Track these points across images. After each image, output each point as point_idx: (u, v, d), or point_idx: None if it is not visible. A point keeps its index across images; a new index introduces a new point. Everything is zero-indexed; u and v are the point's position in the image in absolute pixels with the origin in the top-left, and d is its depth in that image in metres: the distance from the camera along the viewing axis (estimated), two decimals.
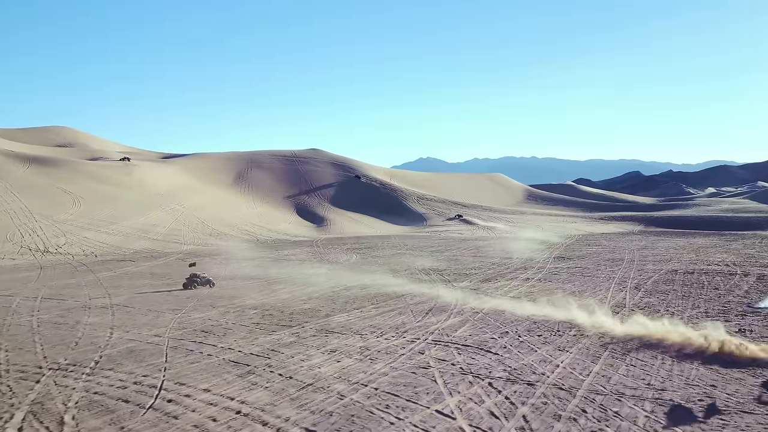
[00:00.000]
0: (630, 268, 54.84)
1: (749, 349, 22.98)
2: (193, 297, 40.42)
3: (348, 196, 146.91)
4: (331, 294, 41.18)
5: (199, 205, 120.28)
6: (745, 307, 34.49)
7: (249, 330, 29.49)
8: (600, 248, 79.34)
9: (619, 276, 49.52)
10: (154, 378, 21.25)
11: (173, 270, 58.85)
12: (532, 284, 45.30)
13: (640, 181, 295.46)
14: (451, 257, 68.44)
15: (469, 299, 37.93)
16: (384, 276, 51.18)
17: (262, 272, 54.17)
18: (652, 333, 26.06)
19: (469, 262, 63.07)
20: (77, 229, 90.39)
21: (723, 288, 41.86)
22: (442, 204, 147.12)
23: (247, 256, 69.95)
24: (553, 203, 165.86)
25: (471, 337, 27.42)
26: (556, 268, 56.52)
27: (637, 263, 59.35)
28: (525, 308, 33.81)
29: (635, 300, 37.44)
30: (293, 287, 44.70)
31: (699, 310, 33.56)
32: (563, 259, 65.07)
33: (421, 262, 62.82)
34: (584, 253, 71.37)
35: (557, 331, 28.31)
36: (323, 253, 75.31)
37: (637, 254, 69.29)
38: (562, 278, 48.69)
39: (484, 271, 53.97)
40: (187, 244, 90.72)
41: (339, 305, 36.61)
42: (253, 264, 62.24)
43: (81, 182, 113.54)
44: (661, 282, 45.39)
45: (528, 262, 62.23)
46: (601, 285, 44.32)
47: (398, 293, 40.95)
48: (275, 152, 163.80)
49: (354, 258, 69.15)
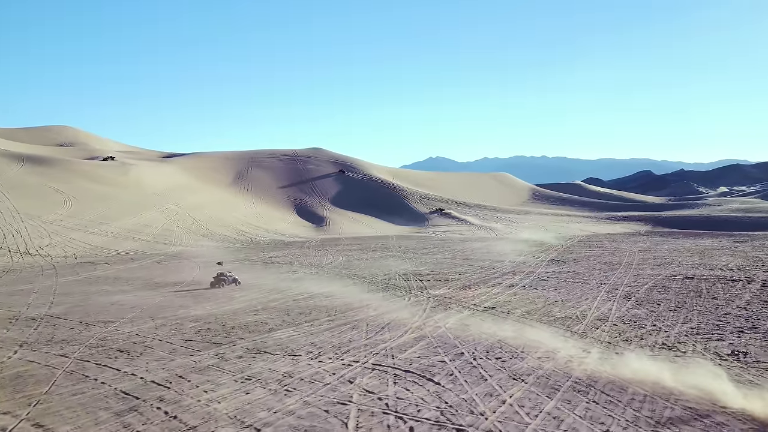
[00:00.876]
0: (626, 273, 50.53)
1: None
2: (138, 306, 36.68)
3: (349, 195, 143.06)
4: (289, 304, 37.26)
5: (196, 204, 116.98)
6: (743, 321, 30.18)
7: (172, 349, 25.66)
8: (600, 250, 74.95)
9: (612, 282, 45.26)
10: (13, 417, 17.44)
11: (144, 273, 55.25)
12: (515, 292, 41.13)
13: (651, 181, 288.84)
14: (440, 260, 64.35)
15: (436, 311, 33.90)
16: (358, 282, 47.26)
17: None
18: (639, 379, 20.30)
19: (458, 265, 58.94)
20: (65, 230, 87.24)
21: (722, 297, 37.51)
22: (445, 204, 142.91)
23: (227, 259, 66.25)
24: (559, 203, 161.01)
25: (419, 359, 23.42)
26: (546, 272, 52.28)
27: (635, 267, 54.99)
28: (493, 325, 29.73)
29: (621, 312, 33.21)
30: (254, 295, 40.85)
31: (690, 326, 29.30)
32: (558, 262, 60.81)
33: (406, 266, 58.82)
34: (582, 256, 67.01)
35: (520, 353, 24.23)
36: (310, 255, 71.46)
37: (638, 257, 64.88)
38: (548, 285, 44.48)
39: (468, 276, 49.85)
40: (176, 245, 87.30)
41: (291, 317, 32.71)
42: (226, 268, 58.53)
43: (75, 182, 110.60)
44: (656, 290, 41.09)
45: (519, 265, 58.02)
46: (588, 293, 40.09)
47: (362, 303, 36.98)
48: (276, 151, 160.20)
49: (339, 260, 65.25)
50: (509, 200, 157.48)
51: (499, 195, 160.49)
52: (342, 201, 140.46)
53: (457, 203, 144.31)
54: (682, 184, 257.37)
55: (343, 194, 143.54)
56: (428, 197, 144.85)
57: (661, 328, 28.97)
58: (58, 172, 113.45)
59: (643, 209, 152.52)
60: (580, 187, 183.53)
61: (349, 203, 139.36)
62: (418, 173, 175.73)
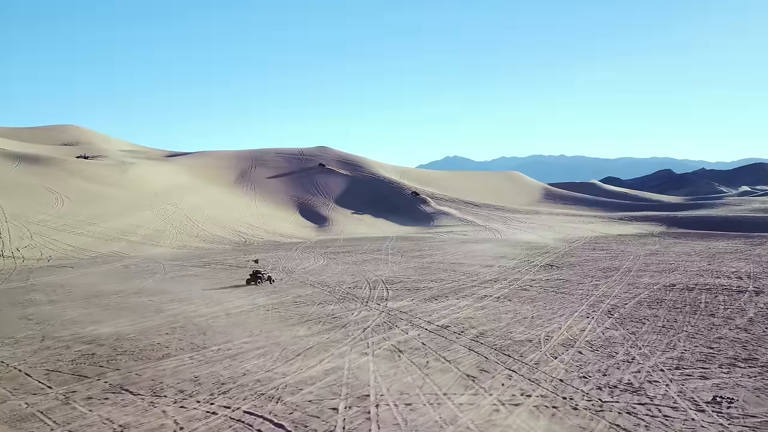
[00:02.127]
0: (619, 282, 44.57)
1: None
2: (46, 321, 31.80)
3: (355, 195, 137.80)
4: (218, 320, 32.09)
5: (195, 205, 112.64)
6: (738, 348, 24.30)
7: (20, 384, 20.62)
8: (603, 253, 68.84)
9: (600, 293, 39.42)
10: None
11: (97, 280, 50.52)
12: (484, 305, 35.49)
13: (671, 180, 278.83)
14: (425, 264, 58.82)
15: (378, 332, 28.49)
16: (318, 292, 41.95)
17: (179, 288, 45.31)
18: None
19: (440, 270, 53.37)
20: (49, 230, 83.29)
21: (721, 314, 31.55)
22: (453, 203, 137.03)
23: (195, 263, 61.48)
24: (572, 202, 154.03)
25: (307, 406, 18.06)
26: (532, 280, 46.48)
27: (633, 274, 48.98)
28: (423, 358, 24.28)
29: (595, 334, 27.49)
30: (185, 308, 35.77)
31: (672, 355, 23.54)
32: (550, 268, 54.91)
33: (384, 271, 53.41)
34: (579, 260, 61.00)
35: (429, 401, 18.74)
36: (291, 259, 66.36)
37: (641, 262, 58.76)
38: (527, 296, 38.75)
39: (444, 285, 44.26)
40: (163, 247, 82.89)
41: (205, 338, 27.54)
42: (190, 274, 53.74)
43: (70, 181, 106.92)
44: (647, 303, 35.19)
45: (508, 271, 52.28)
46: (568, 307, 34.33)
47: (301, 319, 31.71)
48: (281, 150, 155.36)
49: (318, 264, 60.03)
50: (520, 200, 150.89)
51: (509, 194, 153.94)
52: (347, 201, 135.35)
53: (465, 203, 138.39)
54: (703, 184, 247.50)
55: (349, 194, 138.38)
56: (435, 197, 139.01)
57: (635, 357, 23.24)
58: (53, 171, 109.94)
59: (658, 209, 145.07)
60: (594, 186, 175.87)
61: (354, 203, 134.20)
62: (426, 172, 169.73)
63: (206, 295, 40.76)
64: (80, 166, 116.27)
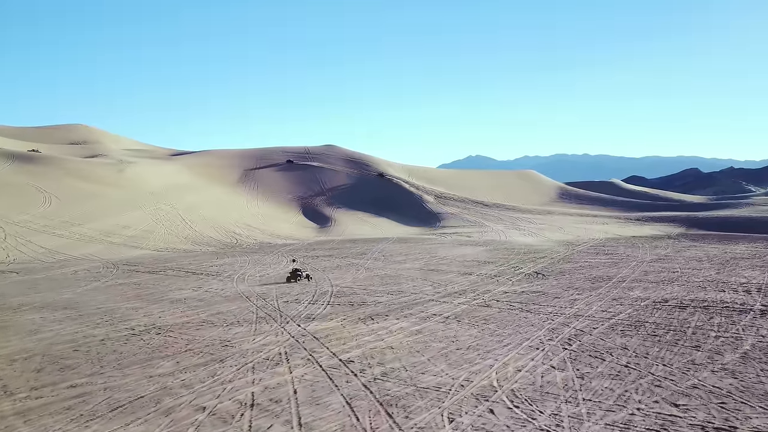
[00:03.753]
0: (604, 296, 37.39)
1: None
2: None
3: (361, 195, 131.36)
4: (96, 345, 26.01)
5: (192, 204, 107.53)
6: (714, 407, 17.23)
7: None
8: (603, 259, 61.34)
9: (572, 312, 32.40)
10: None
11: (22, 289, 45.02)
12: (422, 329, 28.81)
13: (697, 179, 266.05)
14: (397, 272, 52.25)
15: (255, 370, 22.05)
16: (248, 306, 35.69)
17: (94, 301, 39.44)
18: None
19: (408, 279, 46.76)
20: (27, 232, 78.74)
21: (709, 345, 24.43)
22: (462, 203, 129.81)
23: (153, 269, 55.78)
24: (588, 202, 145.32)
25: None
26: (504, 293, 39.54)
27: (625, 286, 41.69)
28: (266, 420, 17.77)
29: (532, 377, 20.67)
30: (76, 328, 29.81)
31: (616, 419, 16.61)
32: (535, 277, 47.82)
33: (347, 279, 47.04)
34: (573, 267, 53.72)
35: None
36: (261, 263, 60.37)
37: (640, 269, 51.29)
38: (481, 316, 31.91)
39: (396, 299, 37.63)
40: (143, 249, 77.61)
41: (77, 364, 21.40)
42: (130, 282, 48.04)
43: (63, 180, 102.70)
44: (622, 328, 28.13)
45: (484, 281, 45.40)
46: (521, 332, 27.47)
47: (181, 348, 25.46)
48: (287, 149, 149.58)
49: (287, 269, 53.79)
50: (533, 199, 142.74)
51: (522, 194, 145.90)
52: (352, 200, 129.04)
53: (474, 203, 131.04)
54: (730, 183, 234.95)
55: (354, 193, 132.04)
56: (444, 196, 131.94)
57: (562, 423, 16.38)
58: (48, 170, 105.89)
59: (679, 209, 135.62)
60: (613, 185, 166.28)
61: (359, 202, 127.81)
62: (435, 171, 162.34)
63: (108, 310, 34.77)
64: (78, 166, 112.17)
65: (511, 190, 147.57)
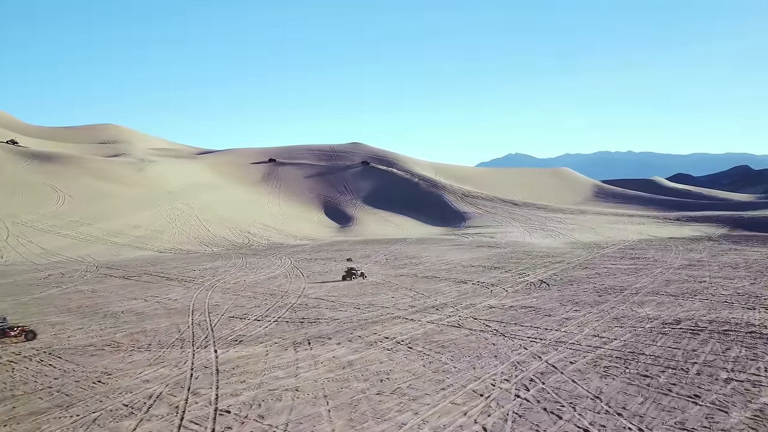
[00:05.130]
0: (605, 314, 30.92)
1: None
2: None
3: (385, 193, 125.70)
4: None
5: (210, 203, 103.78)
6: None
7: None
8: (627, 264, 54.37)
9: (557, 336, 26.24)
10: None
11: None
12: (355, 359, 23.10)
13: (747, 176, 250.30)
14: (395, 276, 46.55)
15: (102, 423, 16.64)
16: (175, 324, 30.50)
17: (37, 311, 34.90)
18: None
19: (391, 289, 41.14)
20: (32, 231, 75.91)
21: (715, 393, 18.14)
22: (490, 202, 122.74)
23: (131, 273, 51.36)
24: (625, 201, 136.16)
25: None
26: (489, 308, 33.39)
27: (636, 300, 35.08)
28: None
29: None
30: None
31: None
32: (537, 287, 41.51)
33: (323, 289, 41.51)
34: (587, 275, 47.09)
35: None
36: (252, 267, 55.40)
37: (662, 278, 44.39)
38: (443, 340, 25.95)
39: (356, 316, 31.97)
40: (146, 250, 73.81)
41: None
42: (84, 290, 43.61)
43: (82, 180, 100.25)
44: (606, 362, 21.93)
45: (476, 291, 39.44)
46: (476, 368, 21.55)
47: (32, 387, 20.29)
48: (312, 147, 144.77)
49: (274, 273, 48.74)
50: (566, 198, 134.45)
51: (555, 192, 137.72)
52: (376, 199, 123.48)
53: (503, 201, 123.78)
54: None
55: (379, 192, 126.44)
56: (471, 195, 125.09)
57: None
58: (67, 169, 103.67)
59: (724, 209, 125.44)
60: (654, 183, 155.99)
61: (383, 202, 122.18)
62: (465, 168, 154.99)
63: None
64: (98, 165, 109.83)
65: (544, 189, 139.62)
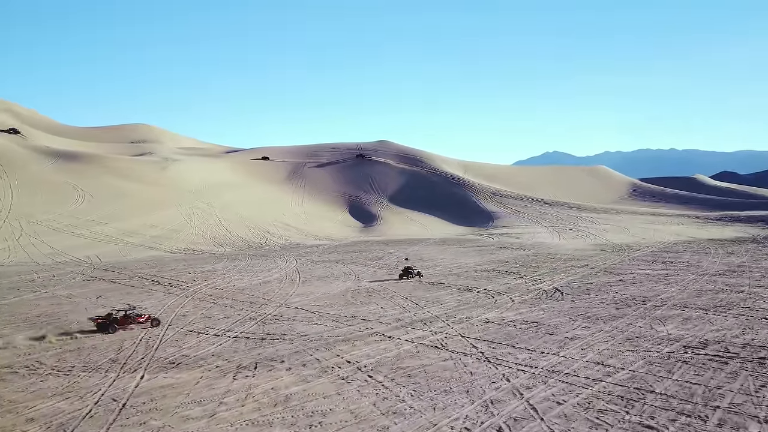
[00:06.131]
0: (618, 333, 26.47)
1: None
2: None
3: (411, 192, 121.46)
4: None
5: (231, 203, 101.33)
6: None
7: None
8: (656, 270, 49.38)
9: (550, 364, 22.02)
10: None
11: None
12: (294, 393, 19.19)
13: None
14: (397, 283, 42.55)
15: None
16: (120, 338, 27.08)
17: None
18: None
19: (391, 296, 37.35)
20: (46, 231, 74.31)
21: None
22: (519, 201, 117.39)
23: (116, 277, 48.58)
24: (663, 200, 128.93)
25: None
26: (485, 323, 29.20)
27: (659, 314, 30.42)
28: None
29: None
30: None
31: None
32: (549, 296, 37.10)
33: (321, 294, 37.86)
34: (607, 282, 42.40)
35: None
36: (251, 270, 52.06)
37: (695, 287, 39.48)
38: (413, 366, 21.93)
39: (338, 329, 28.23)
40: (158, 250, 71.44)
41: None
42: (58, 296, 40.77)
43: (103, 179, 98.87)
44: (602, 404, 17.77)
45: (478, 301, 35.34)
46: (437, 407, 17.66)
47: None
48: (338, 145, 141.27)
49: (271, 278, 45.29)
50: (601, 197, 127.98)
51: (589, 191, 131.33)
52: (402, 198, 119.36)
53: (534, 200, 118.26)
54: None
55: (405, 190, 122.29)
56: (500, 194, 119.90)
57: None
58: (89, 168, 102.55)
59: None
60: (695, 181, 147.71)
61: (409, 201, 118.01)
62: (496, 166, 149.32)
63: None
64: (121, 164, 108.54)
65: (578, 187, 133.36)
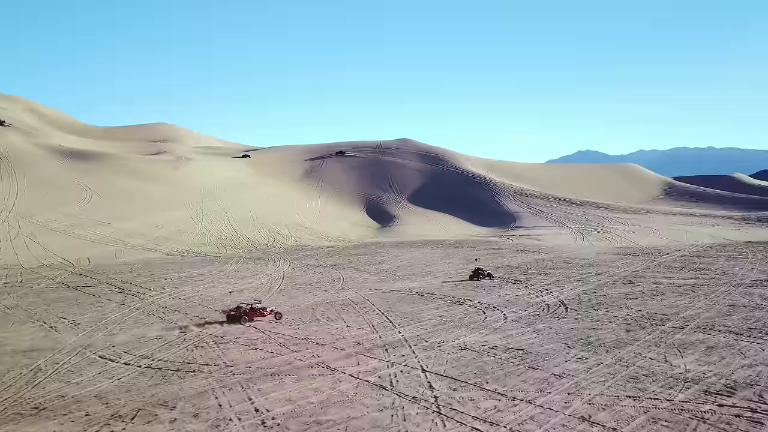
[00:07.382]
0: (623, 368, 21.06)
1: None
2: None
3: (431, 191, 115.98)
4: None
5: (243, 202, 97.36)
6: None
7: None
8: (684, 278, 43.54)
9: (512, 423, 16.55)
10: None
11: None
12: None
13: None
14: (383, 292, 37.69)
15: None
16: (27, 363, 22.63)
17: None
18: None
19: (369, 310, 32.54)
20: (44, 231, 71.24)
21: None
22: (544, 201, 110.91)
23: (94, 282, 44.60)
24: (699, 200, 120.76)
25: None
26: (459, 350, 24.10)
27: (678, 339, 24.89)
28: None
29: None
30: None
31: None
32: (550, 312, 31.53)
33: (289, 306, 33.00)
34: (624, 294, 36.76)
35: None
36: (237, 276, 47.68)
37: (727, 300, 33.91)
38: (316, 425, 16.73)
39: (273, 359, 23.17)
40: (156, 252, 67.78)
41: None
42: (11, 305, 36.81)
43: (113, 178, 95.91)
44: None
45: (464, 318, 30.28)
46: None
47: None
48: (358, 143, 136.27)
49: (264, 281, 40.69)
50: (631, 197, 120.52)
51: (620, 191, 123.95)
52: (422, 197, 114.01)
53: (560, 200, 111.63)
54: None
55: (425, 190, 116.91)
56: (524, 194, 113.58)
57: None
58: (100, 167, 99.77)
59: None
60: (734, 180, 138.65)
61: (429, 200, 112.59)
62: (522, 165, 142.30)
63: None
64: (134, 164, 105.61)
65: (607, 186, 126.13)
